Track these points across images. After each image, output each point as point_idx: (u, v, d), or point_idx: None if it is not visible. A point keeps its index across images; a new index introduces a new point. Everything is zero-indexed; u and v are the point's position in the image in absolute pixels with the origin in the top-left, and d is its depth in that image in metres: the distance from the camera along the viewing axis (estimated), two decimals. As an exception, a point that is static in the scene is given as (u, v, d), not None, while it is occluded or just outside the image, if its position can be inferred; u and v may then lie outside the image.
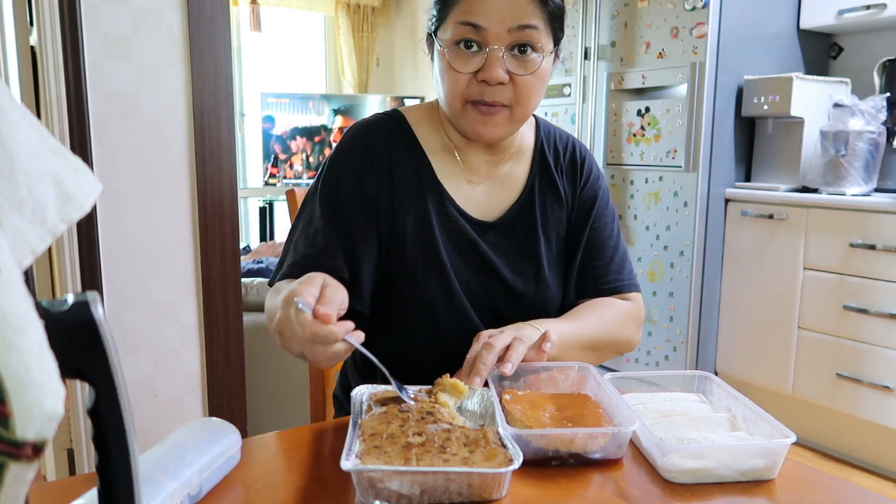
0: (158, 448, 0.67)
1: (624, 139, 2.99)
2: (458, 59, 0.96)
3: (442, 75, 0.99)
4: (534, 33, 0.95)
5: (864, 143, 2.49)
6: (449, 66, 0.97)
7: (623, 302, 1.11)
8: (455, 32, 0.95)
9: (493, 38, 0.94)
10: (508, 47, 0.95)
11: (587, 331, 1.03)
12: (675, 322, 2.82)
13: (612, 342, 1.07)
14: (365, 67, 4.91)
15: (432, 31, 1.01)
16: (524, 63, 0.96)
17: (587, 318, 1.05)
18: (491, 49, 0.94)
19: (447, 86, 0.99)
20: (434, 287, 1.03)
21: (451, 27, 0.96)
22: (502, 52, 0.95)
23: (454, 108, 1.00)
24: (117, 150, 1.78)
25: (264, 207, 4.40)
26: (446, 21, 0.97)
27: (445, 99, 1.01)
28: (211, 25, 1.85)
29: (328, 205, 1.02)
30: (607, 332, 1.05)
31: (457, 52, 0.96)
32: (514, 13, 0.94)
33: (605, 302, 1.10)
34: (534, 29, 0.95)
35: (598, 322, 1.05)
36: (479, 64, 0.95)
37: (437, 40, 1.00)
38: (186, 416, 1.94)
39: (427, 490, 0.65)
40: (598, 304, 1.09)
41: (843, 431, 2.49)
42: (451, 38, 0.96)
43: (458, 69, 0.96)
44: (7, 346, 0.30)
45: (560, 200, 1.11)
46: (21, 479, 0.31)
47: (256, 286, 2.18)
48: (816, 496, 0.71)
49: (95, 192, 0.41)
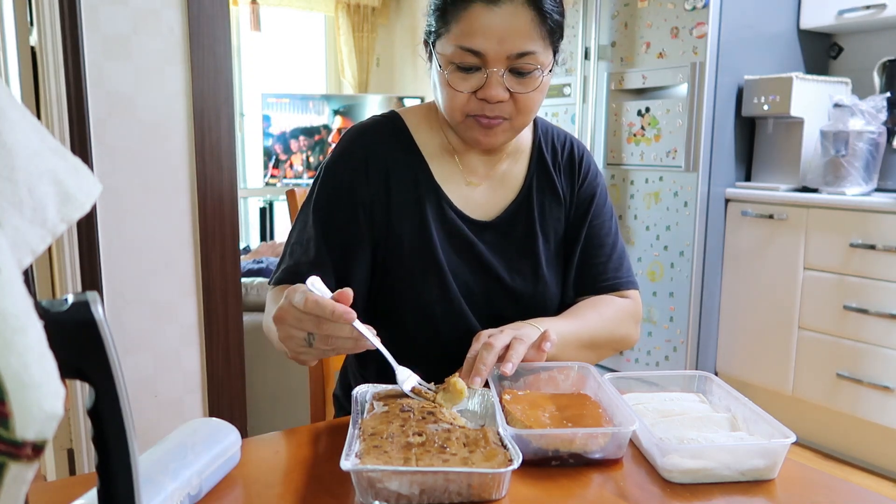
0: (158, 448, 0.67)
1: (624, 139, 2.99)
2: (457, 78, 0.96)
3: (441, 89, 0.99)
4: (532, 58, 0.94)
5: (865, 143, 2.49)
6: (448, 84, 0.96)
7: (621, 300, 1.11)
8: (454, 55, 0.94)
9: (492, 61, 0.93)
10: (508, 69, 0.94)
11: (586, 329, 1.03)
12: (675, 322, 2.82)
13: (612, 340, 1.07)
14: (365, 67, 4.91)
15: (430, 42, 1.00)
16: (524, 82, 0.96)
17: (587, 316, 1.05)
18: (490, 71, 0.94)
19: (447, 100, 0.98)
20: (432, 289, 1.03)
21: (451, 48, 0.95)
22: (502, 72, 0.94)
23: (454, 119, 1.00)
24: (117, 150, 1.78)
25: (264, 207, 4.40)
26: (445, 37, 0.96)
27: (445, 111, 1.01)
28: (211, 25, 1.85)
29: (321, 212, 1.03)
30: (606, 330, 1.05)
31: (456, 71, 0.96)
32: (514, 39, 0.92)
33: (603, 300, 1.10)
34: (532, 54, 0.94)
35: (597, 320, 1.05)
36: (479, 83, 0.95)
37: (435, 53, 0.99)
38: (186, 416, 1.94)
39: (427, 490, 0.65)
40: (597, 302, 1.09)
41: (843, 431, 2.49)
42: (450, 58, 0.95)
43: (457, 88, 0.96)
44: (7, 346, 0.30)
45: (558, 199, 1.11)
46: (21, 479, 0.31)
47: (256, 286, 2.18)
48: (816, 496, 0.71)
49: (95, 192, 0.41)
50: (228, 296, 1.96)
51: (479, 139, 1.00)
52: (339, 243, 1.01)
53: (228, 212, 1.93)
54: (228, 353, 1.98)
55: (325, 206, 1.03)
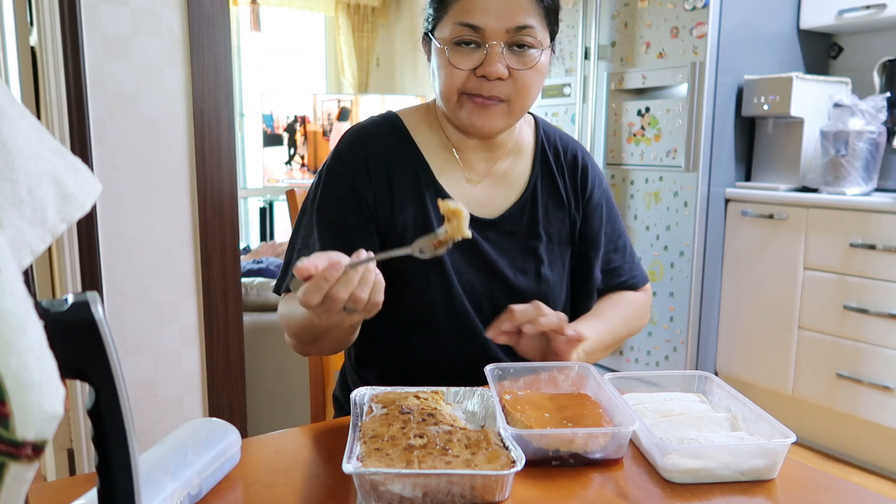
0: (158, 448, 0.67)
1: (624, 139, 2.99)
2: (457, 55, 0.97)
3: (440, 71, 1.00)
4: (531, 31, 0.96)
5: (865, 143, 2.49)
6: (448, 62, 0.97)
7: (638, 294, 1.19)
8: (453, 32, 0.96)
9: (491, 36, 0.95)
10: (507, 44, 0.96)
11: (613, 331, 1.10)
12: (675, 322, 2.82)
13: (631, 334, 1.17)
14: (365, 67, 4.91)
15: (429, 30, 1.02)
16: (523, 58, 0.97)
17: (613, 318, 1.12)
18: (490, 45, 0.95)
19: (445, 80, 0.99)
20: (435, 288, 1.02)
21: (449, 27, 0.97)
22: (502, 47, 0.96)
23: (450, 101, 1.00)
24: (117, 150, 1.78)
25: (264, 207, 4.40)
26: (443, 20, 0.98)
27: (442, 93, 1.01)
28: (211, 25, 1.85)
29: (326, 214, 1.03)
30: (628, 327, 1.15)
31: (456, 49, 0.97)
32: (512, 13, 0.95)
33: (624, 298, 1.17)
34: (531, 28, 0.96)
35: (621, 321, 1.13)
36: (479, 60, 0.96)
37: (434, 38, 1.00)
38: (186, 416, 1.94)
39: (429, 492, 0.64)
40: (618, 301, 1.16)
41: (843, 431, 2.49)
42: (450, 37, 0.97)
43: (457, 65, 0.97)
44: (7, 346, 0.30)
45: (561, 200, 1.11)
46: (21, 479, 0.31)
47: (256, 286, 2.18)
48: (816, 496, 0.71)
49: (95, 192, 0.41)
50: (228, 296, 1.96)
51: (474, 122, 1.00)
52: (346, 245, 1.01)
53: (228, 212, 1.93)
54: (228, 353, 1.98)
55: (329, 208, 1.03)
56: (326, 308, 0.75)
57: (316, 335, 0.92)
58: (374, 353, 1.10)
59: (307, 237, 1.03)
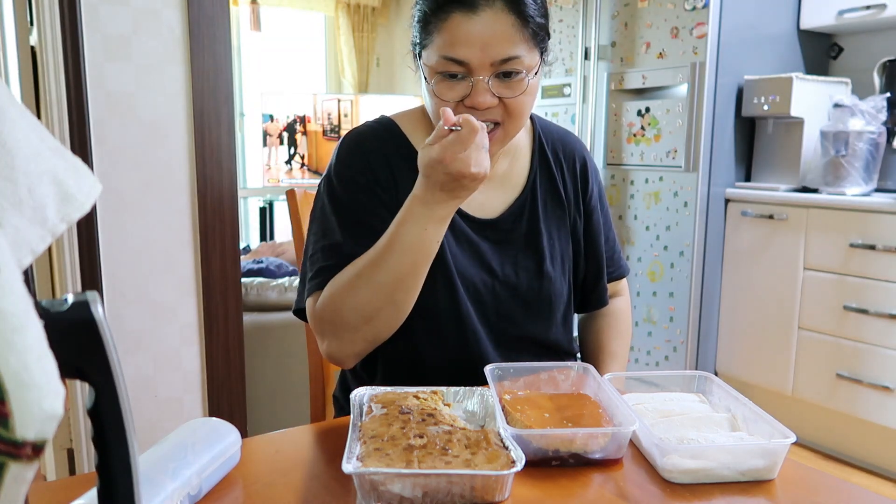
0: (158, 448, 0.67)
1: (624, 139, 2.99)
2: (443, 87, 0.95)
3: (430, 99, 0.99)
4: (517, 62, 0.93)
5: (865, 144, 2.49)
6: (435, 94, 0.96)
7: (622, 304, 1.23)
8: (438, 65, 0.94)
9: (476, 70, 0.93)
10: (493, 75, 0.94)
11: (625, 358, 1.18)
12: (675, 322, 2.82)
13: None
14: (365, 67, 4.90)
15: (416, 53, 1.01)
16: (511, 86, 0.95)
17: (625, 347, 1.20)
18: (476, 79, 0.93)
19: (436, 111, 0.97)
20: (438, 290, 1.02)
21: (435, 58, 0.94)
22: (487, 79, 0.93)
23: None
24: (117, 150, 1.78)
25: (264, 207, 4.40)
26: (429, 48, 0.96)
27: (433, 115, 1.00)
28: (211, 25, 1.85)
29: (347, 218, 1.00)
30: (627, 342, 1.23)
31: (442, 81, 0.95)
32: (496, 45, 0.92)
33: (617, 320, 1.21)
34: (517, 58, 0.93)
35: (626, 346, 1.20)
36: (465, 91, 0.94)
37: (421, 65, 0.99)
38: (186, 416, 1.94)
39: (429, 492, 0.64)
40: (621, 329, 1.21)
41: (843, 431, 2.49)
42: (435, 69, 0.95)
43: (443, 98, 0.95)
44: (7, 346, 0.30)
45: (559, 197, 1.11)
46: (21, 478, 0.31)
47: (256, 286, 2.18)
48: (816, 496, 0.71)
49: (95, 192, 0.41)
50: (228, 296, 1.96)
51: None
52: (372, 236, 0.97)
53: (228, 212, 1.93)
54: (228, 353, 1.98)
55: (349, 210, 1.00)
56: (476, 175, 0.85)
57: (397, 279, 0.91)
58: (376, 353, 1.09)
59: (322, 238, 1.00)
